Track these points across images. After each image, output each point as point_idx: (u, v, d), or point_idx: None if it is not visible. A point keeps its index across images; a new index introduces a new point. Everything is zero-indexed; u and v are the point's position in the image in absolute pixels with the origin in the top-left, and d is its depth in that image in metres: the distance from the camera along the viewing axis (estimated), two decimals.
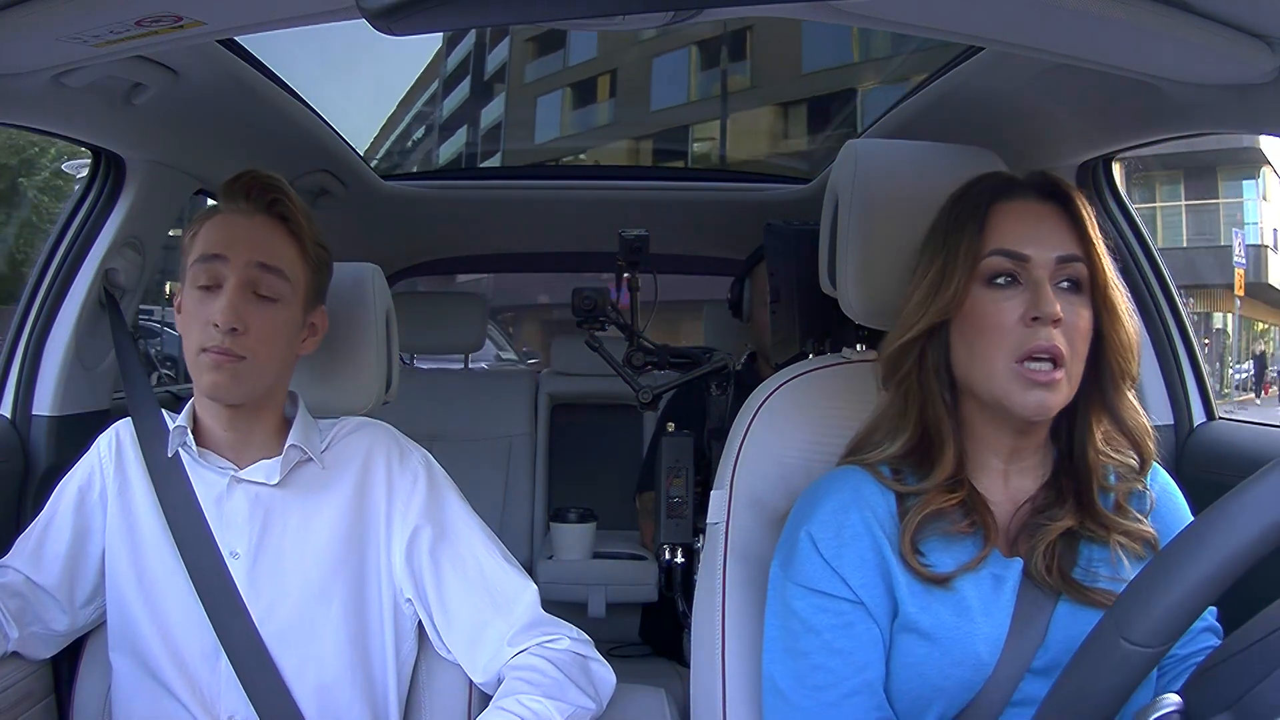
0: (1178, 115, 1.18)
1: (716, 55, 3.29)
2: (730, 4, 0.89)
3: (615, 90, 3.11)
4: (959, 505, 0.91)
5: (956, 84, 1.48)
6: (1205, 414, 1.60)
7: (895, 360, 0.96)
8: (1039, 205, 0.92)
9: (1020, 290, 0.89)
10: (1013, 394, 0.88)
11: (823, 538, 0.91)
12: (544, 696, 1.03)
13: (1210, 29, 0.90)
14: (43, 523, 1.14)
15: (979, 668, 0.87)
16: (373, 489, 1.13)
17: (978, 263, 0.91)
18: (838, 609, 0.90)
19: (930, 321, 0.92)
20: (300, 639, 1.09)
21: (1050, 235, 0.90)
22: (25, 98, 1.16)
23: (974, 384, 0.91)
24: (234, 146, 1.68)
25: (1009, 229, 0.91)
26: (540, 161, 2.63)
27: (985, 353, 0.89)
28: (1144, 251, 1.61)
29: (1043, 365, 0.87)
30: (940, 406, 0.93)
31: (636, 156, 3.02)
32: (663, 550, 1.64)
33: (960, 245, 0.91)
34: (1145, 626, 0.62)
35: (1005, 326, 0.88)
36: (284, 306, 1.08)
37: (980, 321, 0.90)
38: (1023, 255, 0.89)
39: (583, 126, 3.24)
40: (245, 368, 1.05)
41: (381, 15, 0.78)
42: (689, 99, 3.18)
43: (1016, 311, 0.88)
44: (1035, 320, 0.87)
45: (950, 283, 0.91)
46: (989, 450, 0.94)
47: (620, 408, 2.49)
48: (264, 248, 1.07)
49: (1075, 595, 0.88)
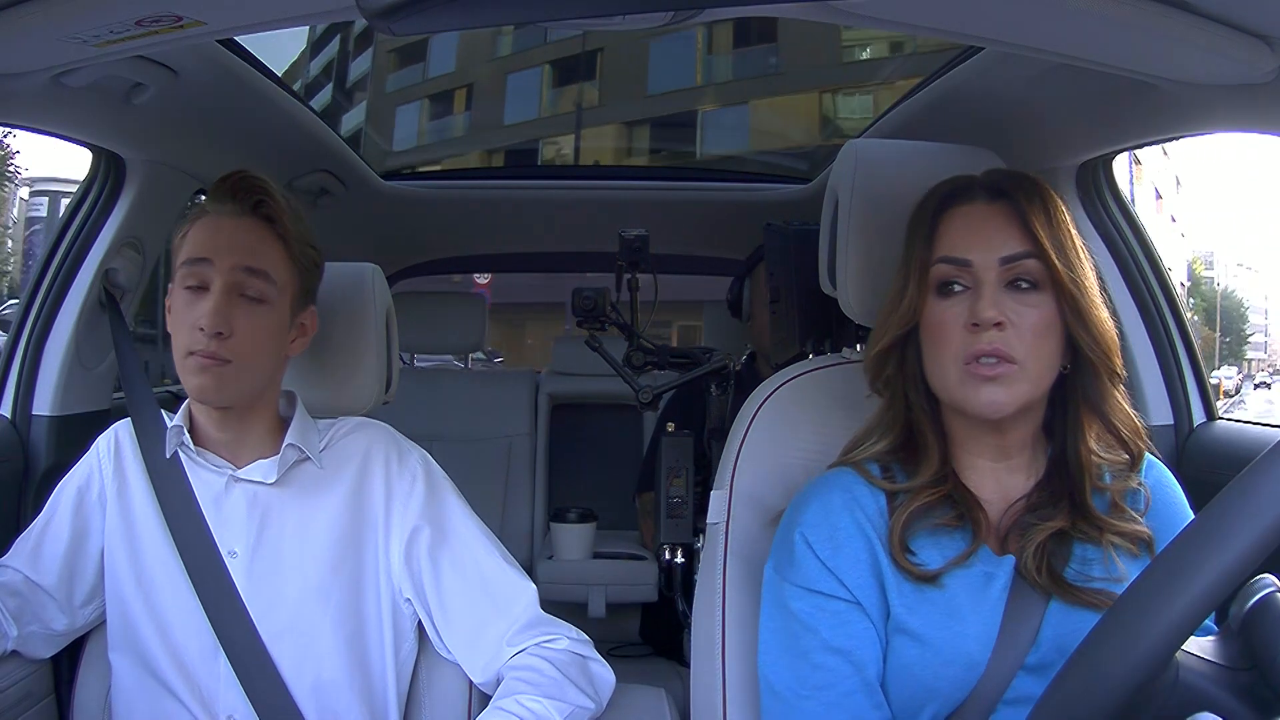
0: (1178, 115, 1.18)
1: (570, 73, 3.45)
2: (730, 4, 0.89)
3: (471, 103, 3.24)
4: (946, 499, 0.91)
5: (956, 84, 1.48)
6: (1205, 414, 1.60)
7: (875, 367, 0.98)
8: (987, 207, 0.92)
9: (965, 296, 0.90)
10: (967, 394, 0.89)
11: (817, 539, 0.92)
12: (543, 697, 1.03)
13: (1210, 29, 0.90)
14: (42, 523, 1.14)
15: (971, 666, 0.87)
16: (371, 489, 1.13)
17: (927, 272, 0.92)
18: (835, 608, 0.90)
19: (895, 332, 0.94)
20: (298, 638, 1.09)
21: (994, 236, 0.90)
22: (25, 98, 1.16)
23: (938, 390, 0.93)
24: (234, 146, 1.68)
25: (954, 235, 0.92)
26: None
27: (938, 359, 0.91)
28: (1144, 251, 1.61)
29: (989, 360, 0.88)
30: (920, 411, 0.95)
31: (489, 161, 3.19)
32: (663, 550, 1.64)
33: (914, 256, 0.93)
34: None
35: (950, 334, 0.90)
36: (270, 309, 1.08)
37: (933, 330, 0.92)
38: (964, 260, 0.90)
39: (438, 136, 3.38)
40: (231, 371, 1.05)
41: (381, 15, 0.78)
42: (540, 114, 3.33)
43: (961, 318, 0.89)
44: (974, 325, 0.88)
45: (906, 294, 0.93)
46: (974, 452, 0.95)
47: (620, 408, 2.49)
48: (249, 251, 1.07)
49: (1066, 596, 0.88)
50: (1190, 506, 0.97)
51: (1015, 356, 0.87)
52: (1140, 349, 1.59)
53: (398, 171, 2.63)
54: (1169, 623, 0.60)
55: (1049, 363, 0.90)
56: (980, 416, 0.90)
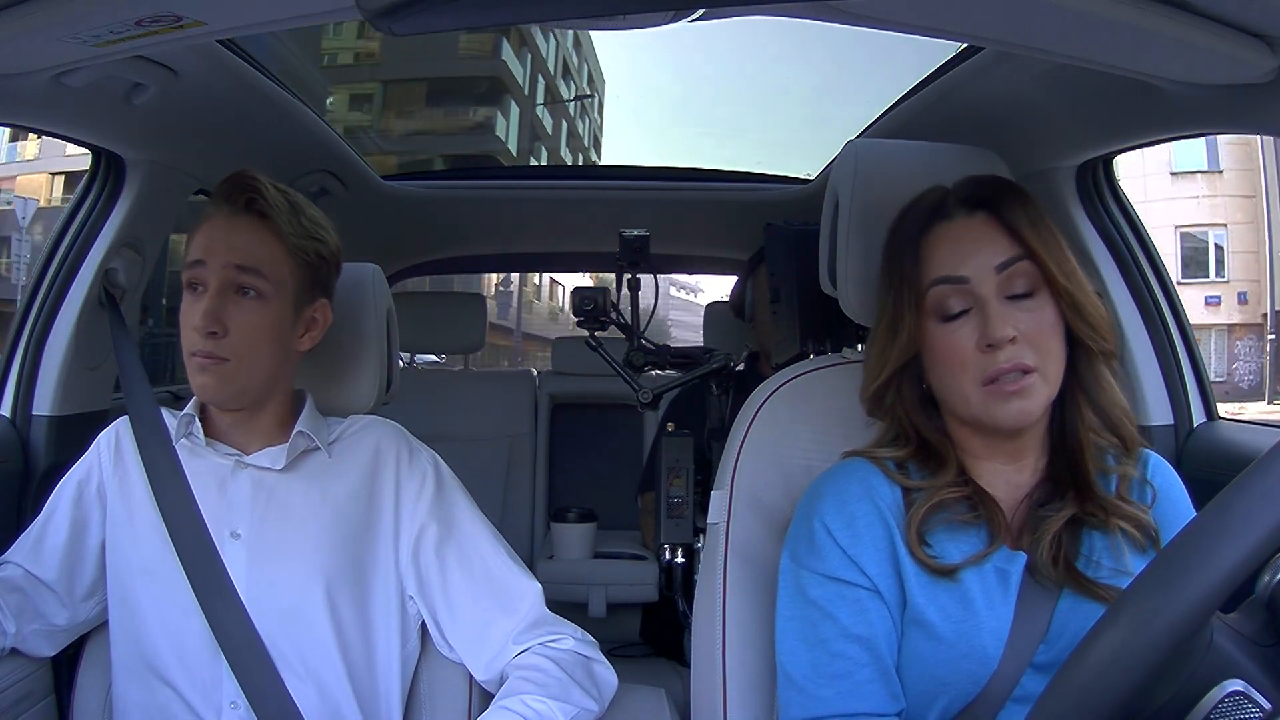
0: (1178, 115, 1.18)
1: None
2: (730, 4, 0.89)
3: None
4: (965, 500, 0.92)
5: (956, 84, 1.48)
6: (1205, 414, 1.60)
7: (875, 400, 0.98)
8: (968, 219, 0.92)
9: (971, 318, 0.90)
10: (993, 412, 0.89)
11: (837, 527, 0.92)
12: (547, 697, 1.03)
13: (1210, 29, 0.90)
14: (42, 519, 1.14)
15: (985, 662, 0.87)
16: (381, 485, 1.14)
17: (923, 298, 0.92)
18: (855, 596, 0.90)
19: (896, 364, 0.94)
20: (299, 625, 1.09)
21: (984, 246, 0.90)
22: (25, 98, 1.16)
23: (955, 408, 0.93)
24: (234, 146, 1.67)
25: (942, 254, 0.91)
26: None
27: (954, 384, 0.91)
28: (1144, 251, 1.61)
29: (1011, 376, 0.88)
30: (930, 429, 0.95)
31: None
32: (663, 550, 1.64)
33: (903, 283, 0.93)
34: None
35: (964, 358, 0.90)
36: (267, 304, 1.08)
37: (942, 356, 0.91)
38: (961, 277, 0.90)
39: None
40: (230, 369, 1.06)
41: (382, 15, 0.78)
42: None
43: (971, 340, 0.89)
44: (990, 347, 0.88)
45: (903, 324, 0.93)
46: (986, 457, 0.95)
47: (620, 408, 2.50)
48: (240, 249, 1.08)
49: (1078, 588, 0.88)
50: (1193, 507, 0.97)
51: (1033, 365, 0.88)
52: (1140, 349, 1.58)
53: (398, 172, 2.63)
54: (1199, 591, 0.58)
55: (1059, 360, 0.90)
56: (1007, 430, 0.90)
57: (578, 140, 10.57)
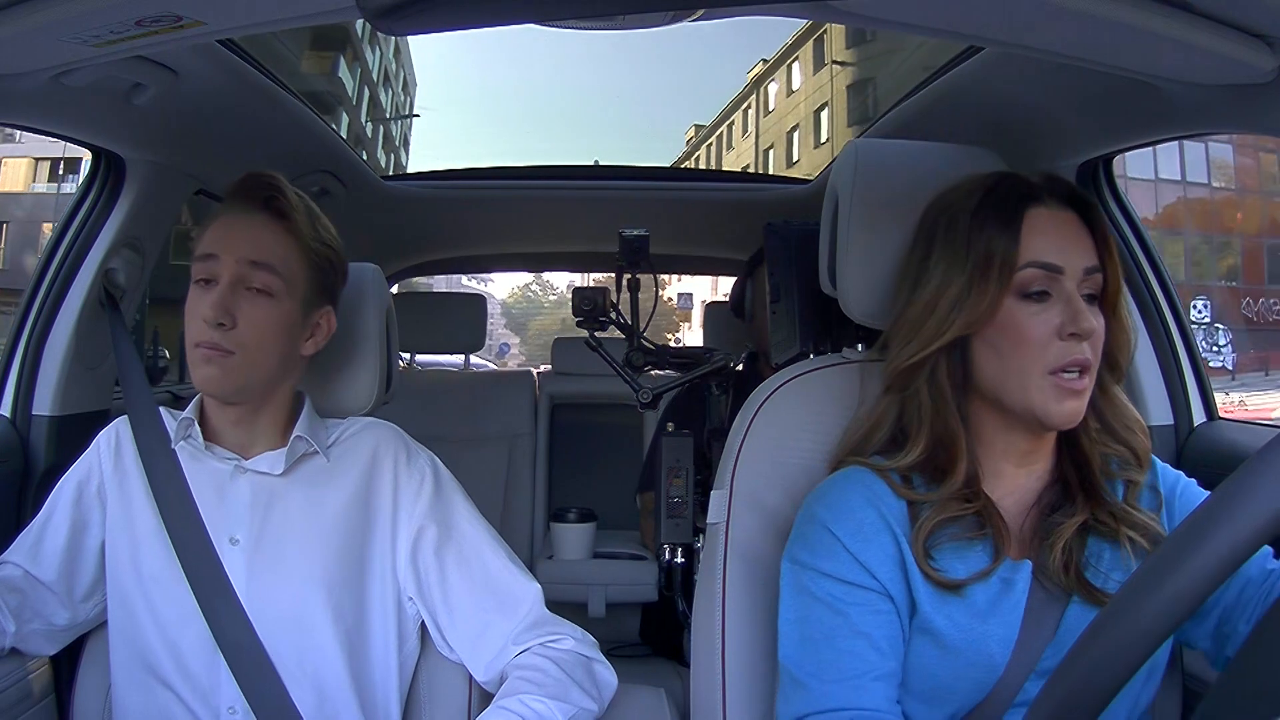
0: (1178, 115, 1.17)
1: None
2: (730, 4, 0.89)
3: None
4: (974, 515, 0.91)
5: (956, 84, 1.48)
6: (1205, 414, 1.60)
7: (907, 374, 0.95)
8: (1063, 213, 0.92)
9: (1053, 303, 0.89)
10: (1048, 404, 0.88)
11: (845, 532, 0.91)
12: (547, 697, 1.03)
13: (1210, 29, 0.90)
14: (42, 519, 1.14)
15: (991, 669, 0.87)
16: (379, 487, 1.14)
17: (1013, 275, 0.89)
18: (864, 596, 0.90)
19: (956, 334, 0.91)
20: (298, 629, 1.09)
21: (1077, 245, 0.90)
22: (25, 98, 1.16)
23: (1005, 394, 0.91)
24: (234, 146, 1.67)
25: (1042, 239, 0.90)
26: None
27: (1020, 365, 0.89)
28: (1144, 252, 1.61)
29: (1074, 375, 0.88)
30: (953, 418, 0.93)
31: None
32: (663, 550, 1.64)
33: (994, 256, 0.90)
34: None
35: (1041, 341, 0.88)
36: (276, 302, 1.09)
37: (1015, 335, 0.89)
38: (1057, 267, 0.89)
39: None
40: (235, 362, 1.06)
41: (382, 15, 0.78)
42: None
43: (1051, 324, 0.88)
44: (1072, 335, 0.88)
45: (984, 295, 0.90)
46: (1002, 457, 0.94)
47: (620, 408, 2.49)
48: (256, 244, 1.08)
49: (1088, 595, 0.88)
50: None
51: (1093, 366, 0.89)
52: (1140, 349, 1.58)
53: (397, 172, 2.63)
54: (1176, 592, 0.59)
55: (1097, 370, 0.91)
56: (1053, 427, 0.90)
57: (391, 144, 10.95)
